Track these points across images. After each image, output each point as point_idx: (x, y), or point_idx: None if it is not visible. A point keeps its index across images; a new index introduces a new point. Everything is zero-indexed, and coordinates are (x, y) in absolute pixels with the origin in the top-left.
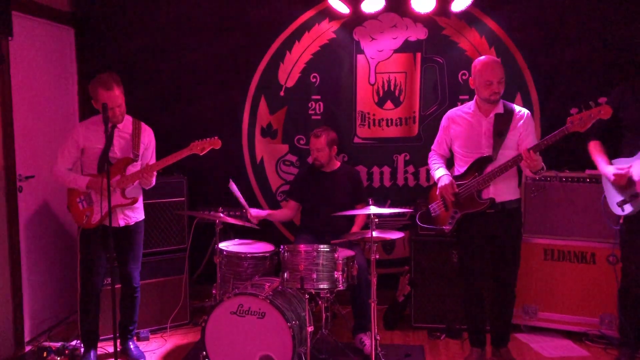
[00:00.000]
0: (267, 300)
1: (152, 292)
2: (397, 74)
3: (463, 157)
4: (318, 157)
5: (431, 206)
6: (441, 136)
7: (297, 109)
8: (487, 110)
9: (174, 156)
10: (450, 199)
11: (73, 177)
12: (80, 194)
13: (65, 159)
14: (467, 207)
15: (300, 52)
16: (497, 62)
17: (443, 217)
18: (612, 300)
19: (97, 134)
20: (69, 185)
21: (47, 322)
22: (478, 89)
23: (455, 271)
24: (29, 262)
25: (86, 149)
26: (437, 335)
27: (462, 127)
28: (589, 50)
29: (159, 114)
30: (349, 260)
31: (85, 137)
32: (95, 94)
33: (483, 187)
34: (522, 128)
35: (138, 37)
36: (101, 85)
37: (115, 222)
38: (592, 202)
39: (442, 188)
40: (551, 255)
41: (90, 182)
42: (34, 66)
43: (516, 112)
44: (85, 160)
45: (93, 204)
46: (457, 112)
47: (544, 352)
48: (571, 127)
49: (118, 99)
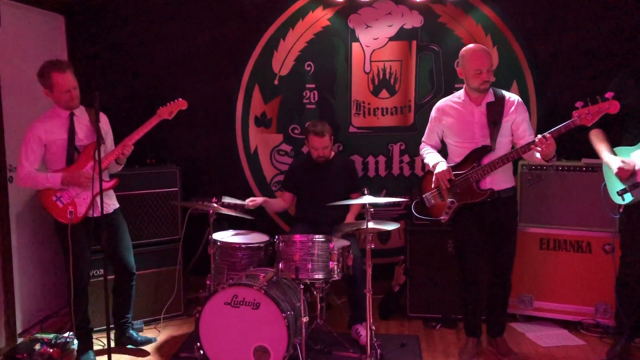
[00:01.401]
0: (261, 291)
1: (145, 283)
2: (392, 62)
3: (456, 147)
4: (324, 154)
5: (425, 196)
6: (431, 128)
7: (291, 97)
8: (478, 99)
9: (145, 126)
10: (446, 185)
11: (43, 176)
12: (56, 191)
13: (30, 160)
14: (466, 198)
15: (294, 40)
16: (485, 50)
17: (439, 207)
18: (607, 289)
19: (56, 125)
20: (41, 186)
21: (39, 314)
22: (467, 79)
23: (450, 261)
24: (20, 253)
25: (49, 144)
26: (433, 325)
27: (454, 117)
28: (587, 38)
29: (150, 103)
30: (344, 250)
31: (46, 130)
32: (48, 80)
33: (482, 177)
34: (514, 114)
35: (129, 25)
36: (54, 69)
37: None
38: (589, 191)
39: (439, 174)
40: (547, 245)
41: (65, 177)
42: (23, 55)
43: (507, 99)
44: (49, 156)
45: (73, 197)
46: (447, 103)
47: (540, 341)
48: (578, 121)
49: (73, 80)
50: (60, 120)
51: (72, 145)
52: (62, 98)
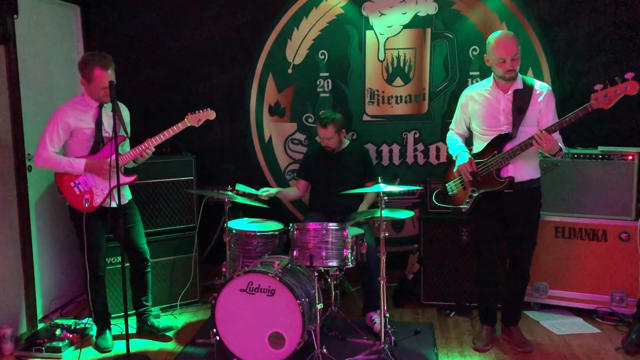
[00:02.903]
0: (276, 278)
1: (162, 270)
2: (406, 50)
3: (482, 135)
4: (329, 144)
5: (448, 185)
6: (459, 115)
7: (305, 86)
8: (506, 87)
9: (170, 131)
10: (468, 178)
11: (66, 161)
12: (74, 177)
13: (54, 143)
14: (486, 186)
15: (307, 29)
16: (510, 37)
17: (460, 196)
18: (623, 277)
19: (85, 114)
20: (62, 169)
21: (59, 300)
22: (493, 66)
23: (464, 249)
24: (40, 240)
25: (76, 131)
26: (447, 313)
27: (481, 104)
28: (604, 25)
29: (166, 93)
30: (358, 238)
31: (75, 117)
32: (90, 73)
33: (502, 166)
34: (542, 104)
35: (145, 15)
36: (98, 64)
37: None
38: (605, 180)
39: (461, 166)
40: (562, 233)
41: (88, 164)
42: (40, 45)
43: (536, 88)
44: (73, 143)
45: (92, 186)
46: (476, 89)
47: (554, 329)
48: (595, 104)
49: (112, 78)
50: (90, 110)
51: (99, 135)
52: (97, 93)
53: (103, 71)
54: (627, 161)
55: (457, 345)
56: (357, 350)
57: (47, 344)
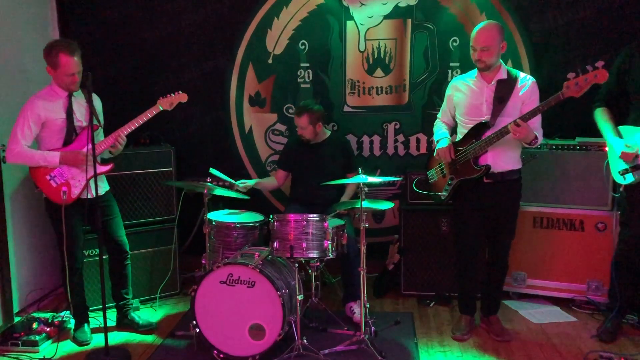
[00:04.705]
0: (256, 269)
1: (141, 262)
2: (387, 41)
3: (464, 124)
4: (303, 134)
5: (429, 172)
6: (446, 104)
7: (285, 77)
8: (489, 77)
9: (142, 116)
10: (447, 160)
11: (39, 154)
12: (50, 170)
13: (25, 136)
14: (463, 174)
15: (288, 19)
16: (483, 28)
17: (440, 183)
18: (599, 266)
19: (55, 104)
20: (36, 164)
21: (36, 293)
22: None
23: (444, 239)
24: (15, 233)
25: (47, 122)
26: (427, 303)
27: (465, 94)
28: (582, 16)
29: (144, 83)
30: (338, 229)
31: (45, 109)
32: (55, 59)
33: (480, 154)
34: (524, 96)
35: (122, 2)
36: (63, 50)
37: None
38: (582, 170)
39: (440, 150)
40: (540, 223)
41: (63, 156)
42: (14, 33)
43: (520, 79)
44: (45, 135)
45: (68, 178)
46: (461, 80)
47: (533, 318)
48: (567, 92)
49: (79, 65)
50: (60, 99)
51: (71, 126)
52: (64, 80)
53: (69, 57)
54: (603, 152)
55: (436, 335)
56: (337, 340)
57: (23, 337)
